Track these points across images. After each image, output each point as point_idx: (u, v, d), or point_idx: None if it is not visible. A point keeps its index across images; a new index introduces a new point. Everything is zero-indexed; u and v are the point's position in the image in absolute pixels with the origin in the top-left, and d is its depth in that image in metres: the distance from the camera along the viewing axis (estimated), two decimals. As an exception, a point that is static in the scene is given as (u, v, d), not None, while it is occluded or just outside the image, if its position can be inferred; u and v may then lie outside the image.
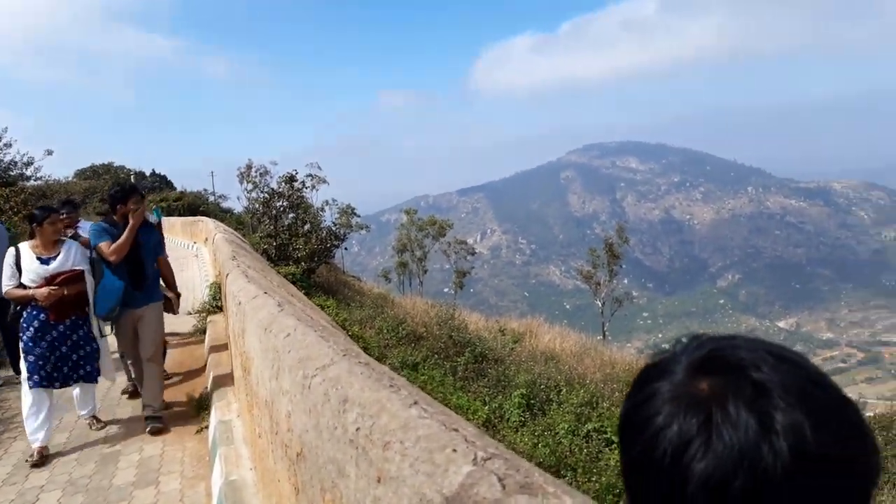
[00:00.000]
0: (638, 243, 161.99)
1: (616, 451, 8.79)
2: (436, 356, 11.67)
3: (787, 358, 0.69)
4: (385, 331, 12.12)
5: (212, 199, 42.20)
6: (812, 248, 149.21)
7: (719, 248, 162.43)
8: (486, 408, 9.39)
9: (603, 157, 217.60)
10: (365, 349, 8.89)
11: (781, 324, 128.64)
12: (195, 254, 18.22)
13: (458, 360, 11.64)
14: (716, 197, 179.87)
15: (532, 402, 9.92)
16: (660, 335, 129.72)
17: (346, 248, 19.14)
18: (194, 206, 35.95)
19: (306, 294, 12.00)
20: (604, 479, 7.38)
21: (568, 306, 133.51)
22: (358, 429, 1.41)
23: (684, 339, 0.76)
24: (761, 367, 0.67)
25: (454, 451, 1.06)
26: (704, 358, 0.72)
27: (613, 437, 9.09)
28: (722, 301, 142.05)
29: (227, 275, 5.52)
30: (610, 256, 32.79)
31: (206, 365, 6.80)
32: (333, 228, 17.67)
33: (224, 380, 5.63)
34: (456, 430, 1.14)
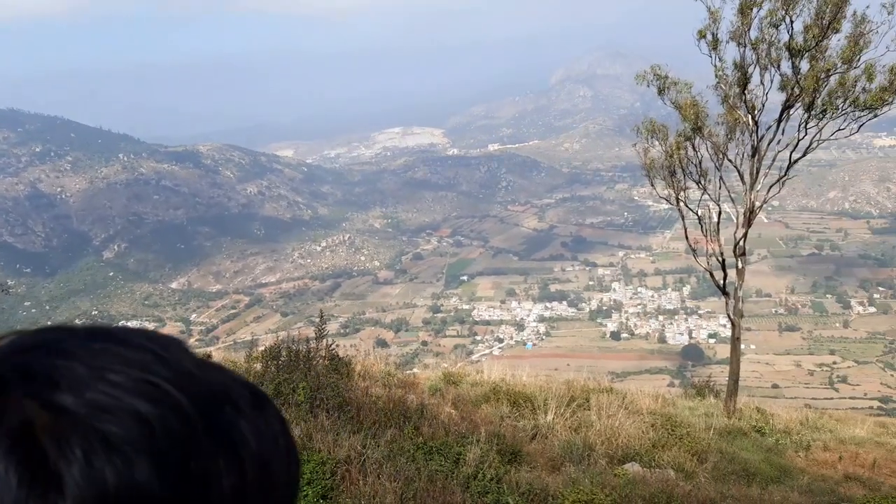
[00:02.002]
0: (5, 224, 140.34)
1: None
2: None
3: (114, 337, 0.42)
4: None
5: None
6: (190, 209, 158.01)
7: (100, 219, 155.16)
8: None
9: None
10: None
11: (174, 285, 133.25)
12: None
13: None
14: (87, 166, 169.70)
15: None
16: (48, 322, 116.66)
17: None
18: None
19: None
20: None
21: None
22: None
23: None
24: (55, 372, 0.39)
25: None
26: None
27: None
28: (112, 273, 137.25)
29: None
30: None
31: None
32: None
33: None
34: None
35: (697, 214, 13.54)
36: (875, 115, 12.19)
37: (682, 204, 13.52)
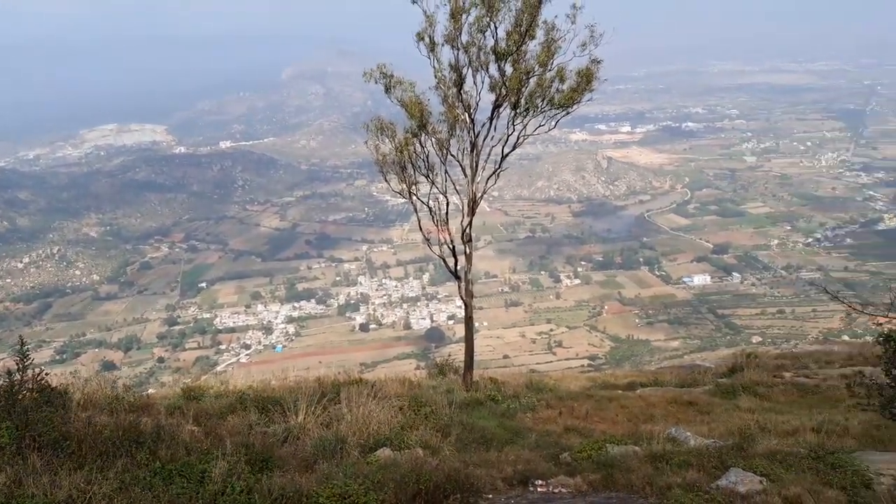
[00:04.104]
0: None
1: None
2: None
3: None
4: None
5: None
6: None
7: None
8: None
9: None
10: None
11: None
12: None
13: None
14: None
15: None
16: None
17: None
18: None
19: None
20: None
21: None
22: None
23: None
24: None
25: None
26: None
27: None
28: None
29: None
30: None
31: None
32: None
33: None
34: None
35: (429, 206, 14.42)
36: (568, 113, 14.13)
37: (414, 197, 14.29)
